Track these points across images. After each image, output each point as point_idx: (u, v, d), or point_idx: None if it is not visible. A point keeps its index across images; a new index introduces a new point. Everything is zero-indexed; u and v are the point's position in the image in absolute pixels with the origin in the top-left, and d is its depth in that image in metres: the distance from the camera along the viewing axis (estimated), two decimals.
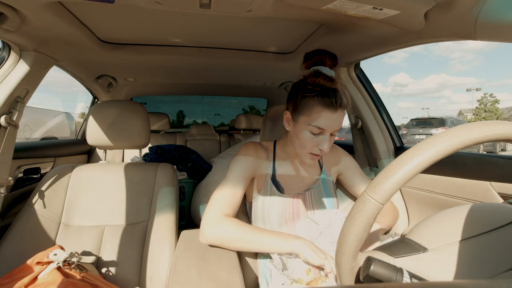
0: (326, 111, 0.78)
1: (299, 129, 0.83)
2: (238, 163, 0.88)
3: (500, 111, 29.24)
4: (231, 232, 0.76)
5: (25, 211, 1.01)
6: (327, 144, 0.81)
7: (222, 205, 0.80)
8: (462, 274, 0.39)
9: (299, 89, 0.83)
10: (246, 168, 0.87)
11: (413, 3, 0.67)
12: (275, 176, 0.92)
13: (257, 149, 0.93)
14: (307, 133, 0.81)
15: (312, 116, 0.79)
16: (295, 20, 0.93)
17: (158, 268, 0.95)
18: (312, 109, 0.79)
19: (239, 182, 0.84)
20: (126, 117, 1.14)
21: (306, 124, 0.80)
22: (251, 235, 0.76)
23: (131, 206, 1.09)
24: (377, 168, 1.34)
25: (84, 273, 0.84)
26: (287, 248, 0.74)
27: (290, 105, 0.86)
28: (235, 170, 0.86)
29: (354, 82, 1.34)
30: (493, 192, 0.88)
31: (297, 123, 0.83)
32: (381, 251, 0.46)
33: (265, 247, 0.76)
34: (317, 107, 0.78)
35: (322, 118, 0.78)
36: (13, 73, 0.98)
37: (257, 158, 0.91)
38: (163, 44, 1.25)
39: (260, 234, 0.76)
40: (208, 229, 0.77)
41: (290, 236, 0.76)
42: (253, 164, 0.89)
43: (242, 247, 0.77)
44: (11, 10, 0.76)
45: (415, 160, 0.38)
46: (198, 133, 2.82)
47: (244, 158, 0.89)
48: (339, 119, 0.80)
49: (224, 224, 0.77)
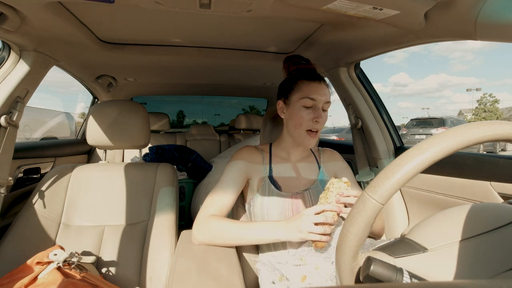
0: (313, 83, 0.88)
1: (293, 108, 0.90)
2: (231, 167, 0.91)
3: (500, 111, 29.23)
4: (215, 230, 0.79)
5: (25, 211, 1.01)
6: (321, 113, 0.87)
7: (211, 207, 0.84)
8: (462, 274, 0.39)
9: (286, 80, 0.95)
10: (238, 171, 0.90)
11: (413, 3, 0.67)
12: (272, 176, 0.93)
13: (252, 152, 0.95)
14: (301, 109, 0.87)
15: (302, 90, 0.88)
16: (295, 20, 0.93)
17: (158, 268, 0.95)
18: (300, 86, 0.89)
19: (230, 185, 0.87)
20: (126, 117, 1.14)
21: (298, 99, 0.88)
22: (235, 231, 0.78)
23: (131, 206, 1.09)
24: (377, 168, 1.34)
25: (84, 273, 0.84)
26: (271, 239, 0.76)
27: (281, 94, 0.96)
28: (227, 174, 0.90)
29: (354, 82, 1.34)
30: (493, 192, 0.88)
31: (290, 104, 0.91)
32: (381, 251, 0.45)
33: (250, 241, 0.79)
34: (304, 82, 0.89)
35: (311, 89, 0.87)
36: (13, 73, 0.98)
37: (251, 160, 0.93)
38: (163, 44, 1.25)
39: (243, 229, 0.78)
40: (195, 230, 0.82)
41: (273, 226, 0.77)
42: (247, 167, 0.92)
43: (230, 243, 0.80)
44: (11, 10, 0.76)
45: (415, 160, 0.38)
46: (198, 133, 2.82)
47: (238, 161, 0.92)
48: (325, 92, 0.89)
49: (208, 223, 0.80)
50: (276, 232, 0.75)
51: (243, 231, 0.78)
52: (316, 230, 0.69)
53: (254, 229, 0.78)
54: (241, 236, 0.78)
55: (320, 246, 0.71)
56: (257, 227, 0.78)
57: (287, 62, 0.99)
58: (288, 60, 1.00)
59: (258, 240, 0.78)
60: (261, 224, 0.79)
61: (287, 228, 0.74)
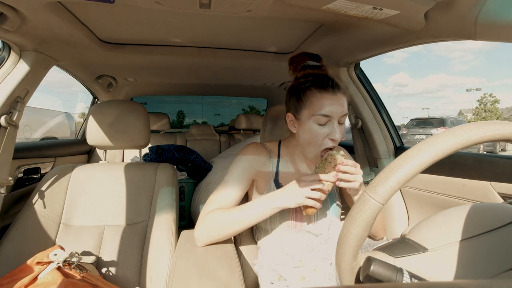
0: (326, 95, 0.77)
1: (305, 125, 0.80)
2: (238, 165, 0.86)
3: (500, 111, 29.25)
4: (215, 222, 0.78)
5: (25, 211, 1.01)
6: (337, 132, 0.78)
7: (212, 205, 0.81)
8: (462, 274, 0.39)
9: (294, 88, 0.84)
10: (245, 169, 0.85)
11: (413, 3, 0.67)
12: (278, 179, 0.89)
13: (259, 150, 0.90)
14: (315, 126, 0.79)
15: (314, 105, 0.77)
16: (295, 20, 0.93)
17: (158, 268, 0.95)
18: (312, 99, 0.78)
19: (236, 184, 0.83)
20: (126, 117, 1.14)
21: (310, 116, 0.78)
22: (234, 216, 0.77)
23: (131, 206, 1.09)
24: (377, 168, 1.34)
25: (84, 273, 0.84)
26: (270, 210, 0.75)
27: (290, 106, 0.85)
28: (233, 172, 0.85)
29: (354, 82, 1.34)
30: (493, 192, 0.88)
31: (301, 119, 0.81)
32: (381, 251, 0.45)
33: (251, 221, 0.77)
34: (316, 95, 0.78)
35: (324, 103, 0.77)
36: (13, 73, 0.98)
37: (258, 161, 0.88)
38: (163, 44, 1.25)
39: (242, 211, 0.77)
40: (196, 232, 0.80)
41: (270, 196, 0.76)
42: (254, 166, 0.87)
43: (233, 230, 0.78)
44: (11, 10, 0.76)
45: (415, 160, 0.38)
46: (198, 133, 2.82)
47: (244, 159, 0.87)
48: (341, 102, 0.78)
49: (207, 220, 0.79)
50: (273, 201, 0.74)
51: (242, 213, 0.77)
52: (313, 195, 0.70)
53: (252, 207, 0.77)
54: (242, 218, 0.76)
55: (311, 212, 0.74)
56: (254, 203, 0.77)
57: (293, 63, 0.88)
58: (293, 61, 0.89)
59: (258, 217, 0.76)
60: (258, 199, 0.78)
61: (283, 194, 0.74)
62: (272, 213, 0.77)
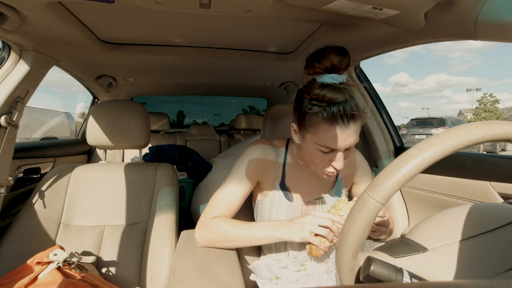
0: (335, 129, 0.66)
1: (307, 145, 0.74)
2: (243, 165, 0.82)
3: (500, 111, 29.26)
4: (218, 233, 0.76)
5: (25, 211, 1.01)
6: (340, 162, 0.71)
7: (215, 209, 0.80)
8: (462, 274, 0.39)
9: (303, 100, 0.72)
10: (249, 171, 0.81)
11: (413, 3, 0.67)
12: (284, 181, 0.85)
13: (266, 150, 0.84)
14: (317, 151, 0.71)
15: (319, 135, 0.68)
16: (295, 20, 0.93)
17: (158, 268, 0.95)
18: (318, 128, 0.68)
19: (240, 186, 0.80)
20: (126, 117, 1.14)
21: (313, 142, 0.71)
22: (238, 232, 0.75)
23: (131, 206, 1.09)
24: (377, 168, 1.34)
25: (84, 273, 0.84)
26: (273, 238, 0.73)
27: (296, 116, 0.76)
28: (238, 173, 0.81)
29: (354, 82, 1.35)
30: (493, 192, 0.88)
31: (305, 139, 0.74)
32: (381, 251, 0.45)
33: (253, 241, 0.75)
34: (323, 126, 0.67)
35: (330, 137, 0.67)
36: (13, 73, 0.97)
37: (265, 161, 0.83)
38: (163, 44, 1.25)
39: (247, 229, 0.75)
40: (197, 234, 0.79)
41: (277, 224, 0.73)
42: (259, 168, 0.82)
43: (233, 244, 0.77)
44: (11, 10, 0.76)
45: (415, 160, 0.38)
46: (198, 133, 2.82)
47: (251, 160, 0.82)
48: (351, 134, 0.67)
49: (210, 226, 0.77)
50: (278, 231, 0.72)
51: (246, 231, 0.74)
52: (319, 231, 0.66)
53: (257, 229, 0.74)
54: (244, 238, 0.75)
55: (316, 254, 0.68)
56: (260, 226, 0.75)
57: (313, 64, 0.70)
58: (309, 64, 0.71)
59: (260, 240, 0.74)
60: (264, 223, 0.76)
61: (290, 227, 0.70)
62: (275, 242, 0.76)
